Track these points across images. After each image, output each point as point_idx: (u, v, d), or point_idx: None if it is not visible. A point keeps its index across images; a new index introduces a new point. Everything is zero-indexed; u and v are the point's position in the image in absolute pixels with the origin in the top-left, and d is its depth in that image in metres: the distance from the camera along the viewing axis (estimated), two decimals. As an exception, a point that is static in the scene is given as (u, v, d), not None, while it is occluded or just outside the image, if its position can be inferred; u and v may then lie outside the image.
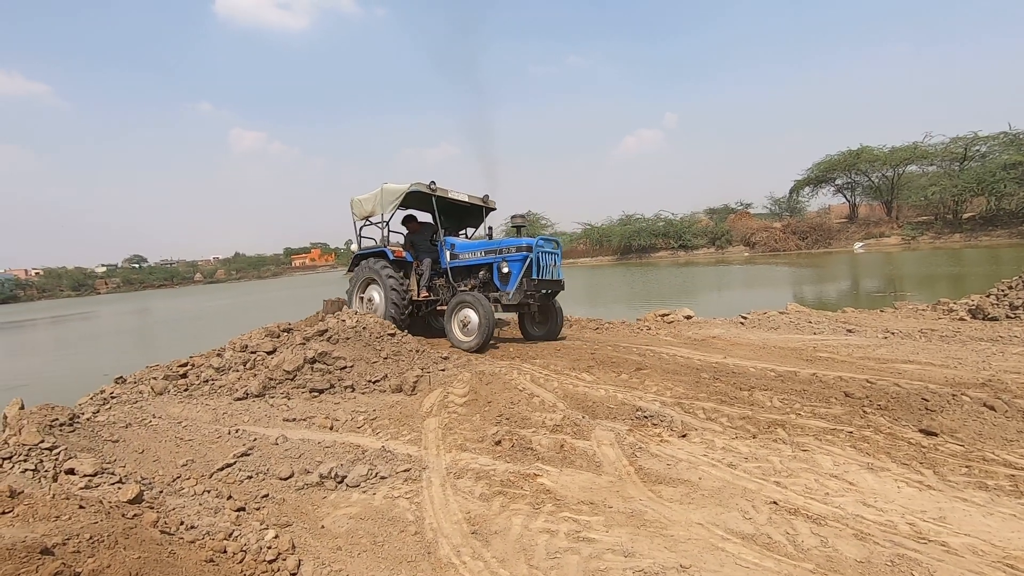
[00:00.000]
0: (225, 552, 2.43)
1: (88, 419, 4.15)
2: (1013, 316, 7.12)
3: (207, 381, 4.99)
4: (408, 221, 8.09)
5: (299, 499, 3.18)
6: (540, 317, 7.43)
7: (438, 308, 7.37)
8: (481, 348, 6.25)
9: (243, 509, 2.99)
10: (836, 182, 45.18)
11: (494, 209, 8.28)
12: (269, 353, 5.33)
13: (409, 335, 6.32)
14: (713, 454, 3.37)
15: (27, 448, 3.33)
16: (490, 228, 8.50)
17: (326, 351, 5.20)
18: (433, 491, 3.11)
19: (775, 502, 2.73)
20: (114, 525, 2.22)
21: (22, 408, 4.04)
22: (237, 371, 5.09)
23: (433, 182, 7.06)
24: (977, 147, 36.15)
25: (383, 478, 3.31)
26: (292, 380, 4.89)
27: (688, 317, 8.98)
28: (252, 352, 5.37)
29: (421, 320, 7.76)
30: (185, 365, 5.38)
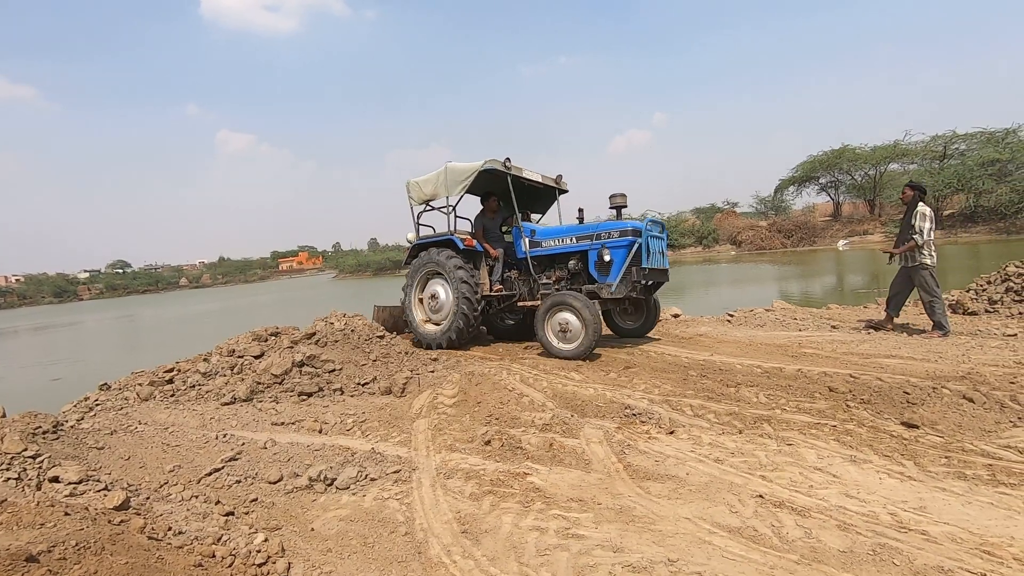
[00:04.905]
0: (214, 556, 2.41)
1: (72, 426, 4.09)
2: (992, 310, 7.27)
3: (194, 386, 4.95)
4: (487, 199, 7.12)
5: (288, 502, 3.16)
6: (631, 308, 6.68)
7: (518, 304, 6.62)
8: (586, 355, 5.47)
9: (232, 513, 2.97)
10: (820, 181, 45.78)
11: (566, 191, 7.37)
12: (257, 357, 5.29)
13: (398, 337, 6.29)
14: (700, 450, 3.41)
15: (10, 457, 3.28)
16: (581, 210, 7.12)
17: (314, 354, 5.18)
18: (423, 491, 3.11)
19: (761, 496, 2.77)
20: (100, 532, 2.20)
21: (3, 416, 3.97)
22: (224, 376, 5.05)
23: (508, 159, 6.33)
24: (956, 145, 36.84)
25: (373, 480, 3.31)
26: (280, 384, 4.86)
27: (676, 315, 9.05)
28: (239, 356, 5.33)
29: (491, 317, 7.01)
30: (171, 371, 5.32)
